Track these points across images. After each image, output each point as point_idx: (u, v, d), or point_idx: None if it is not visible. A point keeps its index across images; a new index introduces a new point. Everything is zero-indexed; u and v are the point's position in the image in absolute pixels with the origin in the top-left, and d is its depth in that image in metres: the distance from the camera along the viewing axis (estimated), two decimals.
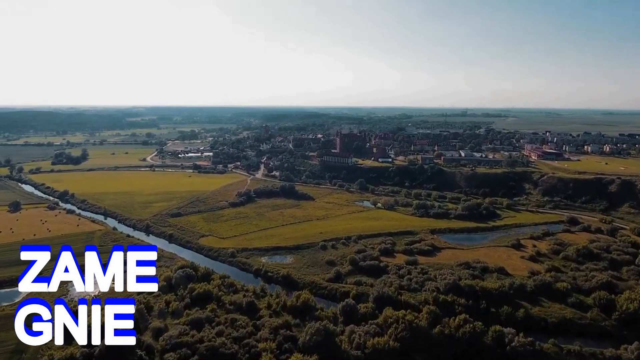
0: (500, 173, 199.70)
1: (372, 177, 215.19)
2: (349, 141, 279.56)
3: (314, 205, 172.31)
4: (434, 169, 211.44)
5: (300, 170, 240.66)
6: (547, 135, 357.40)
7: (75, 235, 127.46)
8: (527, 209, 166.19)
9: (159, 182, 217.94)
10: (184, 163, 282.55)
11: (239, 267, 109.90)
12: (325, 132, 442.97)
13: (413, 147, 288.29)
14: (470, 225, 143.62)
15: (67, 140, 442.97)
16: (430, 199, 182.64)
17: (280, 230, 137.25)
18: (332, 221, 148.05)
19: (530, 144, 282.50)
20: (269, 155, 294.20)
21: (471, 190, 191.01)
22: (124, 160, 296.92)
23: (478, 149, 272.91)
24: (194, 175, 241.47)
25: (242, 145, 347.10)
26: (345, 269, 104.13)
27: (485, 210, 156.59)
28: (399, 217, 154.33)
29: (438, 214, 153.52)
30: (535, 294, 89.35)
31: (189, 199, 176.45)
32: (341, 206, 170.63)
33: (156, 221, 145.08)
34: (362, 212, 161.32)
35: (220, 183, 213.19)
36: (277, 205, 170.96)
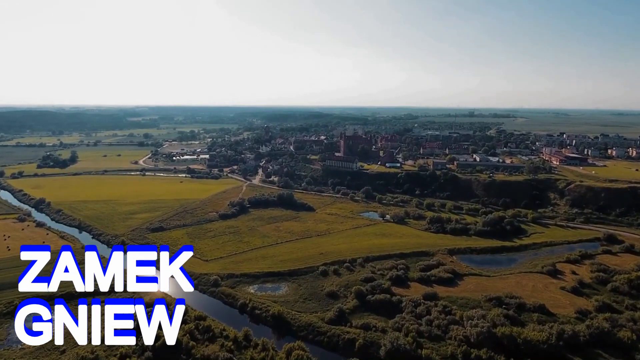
0: (522, 181, 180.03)
1: (379, 184, 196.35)
2: (353, 144, 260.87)
3: (314, 217, 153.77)
4: (448, 175, 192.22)
5: (300, 176, 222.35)
6: (564, 138, 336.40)
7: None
8: (556, 224, 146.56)
9: (146, 188, 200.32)
10: (178, 167, 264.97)
11: (223, 299, 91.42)
12: (328, 133, 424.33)
13: (422, 150, 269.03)
14: (494, 244, 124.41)
15: (60, 141, 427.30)
16: (444, 210, 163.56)
17: (274, 249, 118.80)
18: (335, 238, 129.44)
19: (549, 147, 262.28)
20: (268, 158, 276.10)
21: (490, 200, 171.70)
22: (115, 164, 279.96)
23: (493, 152, 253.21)
24: (186, 181, 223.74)
25: (240, 147, 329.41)
26: (349, 304, 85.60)
27: (509, 225, 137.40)
28: (410, 233, 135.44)
29: (456, 230, 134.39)
30: (590, 346, 70.26)
31: (175, 210, 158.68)
32: (345, 219, 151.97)
33: (134, 237, 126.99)
34: (369, 227, 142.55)
35: (212, 190, 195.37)
36: (273, 217, 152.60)
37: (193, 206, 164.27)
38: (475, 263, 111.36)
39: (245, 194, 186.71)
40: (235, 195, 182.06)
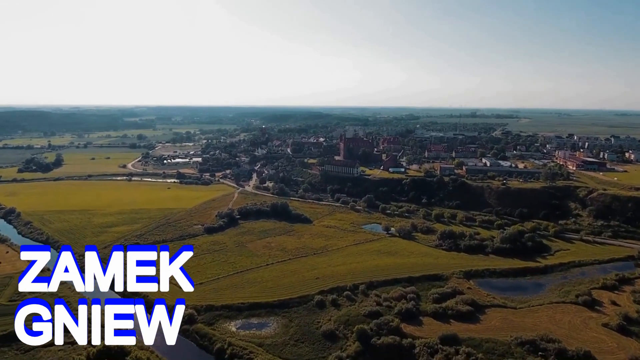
0: (539, 189, 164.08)
1: (382, 191, 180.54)
2: (354, 147, 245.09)
3: (310, 230, 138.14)
4: (457, 182, 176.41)
5: (297, 182, 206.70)
6: (575, 140, 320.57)
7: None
8: (582, 238, 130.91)
9: (129, 196, 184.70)
10: (167, 171, 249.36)
11: (197, 341, 75.69)
12: (328, 134, 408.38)
13: (427, 153, 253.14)
14: (516, 265, 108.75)
15: (49, 142, 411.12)
16: (455, 221, 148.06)
17: (263, 272, 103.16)
18: (334, 257, 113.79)
19: (562, 151, 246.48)
20: (264, 162, 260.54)
21: (504, 210, 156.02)
22: (101, 167, 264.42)
23: (503, 156, 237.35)
24: (174, 187, 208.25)
25: (235, 150, 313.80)
26: (350, 348, 70.19)
27: (531, 240, 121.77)
28: (419, 251, 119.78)
29: (471, 247, 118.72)
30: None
31: (157, 221, 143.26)
32: (345, 232, 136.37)
33: (104, 256, 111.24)
34: (372, 242, 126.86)
35: (201, 198, 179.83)
36: (264, 230, 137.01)
37: (177, 217, 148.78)
38: (496, 289, 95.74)
39: (236, 202, 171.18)
40: (225, 204, 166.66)
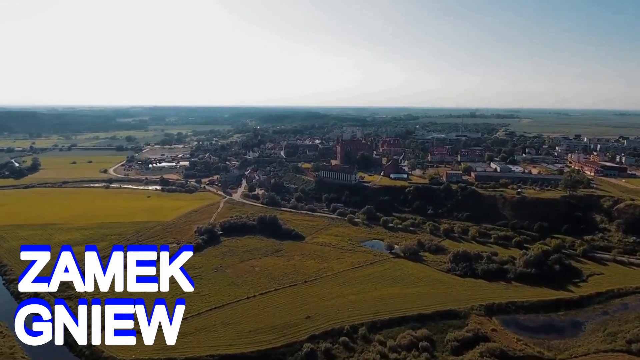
0: (559, 199, 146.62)
1: (383, 200, 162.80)
2: (352, 150, 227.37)
3: (302, 249, 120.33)
4: (466, 190, 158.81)
5: (290, 189, 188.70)
6: (586, 142, 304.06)
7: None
8: (615, 259, 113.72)
9: (102, 206, 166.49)
10: (150, 176, 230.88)
11: None
12: (324, 136, 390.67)
13: (431, 157, 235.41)
14: (545, 296, 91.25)
15: (32, 145, 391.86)
16: (467, 237, 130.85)
17: (242, 308, 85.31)
18: (328, 286, 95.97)
19: (575, 154, 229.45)
20: (255, 166, 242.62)
21: (521, 223, 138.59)
22: (80, 173, 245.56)
23: (512, 160, 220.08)
24: (155, 196, 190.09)
25: (226, 153, 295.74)
26: None
27: (558, 263, 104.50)
28: (429, 277, 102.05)
29: (490, 273, 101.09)
30: None
31: (127, 238, 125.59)
32: (342, 252, 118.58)
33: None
34: (374, 265, 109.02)
35: (183, 208, 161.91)
36: (249, 249, 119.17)
37: (151, 233, 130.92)
38: (527, 331, 78.39)
39: (221, 214, 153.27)
40: (207, 217, 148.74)
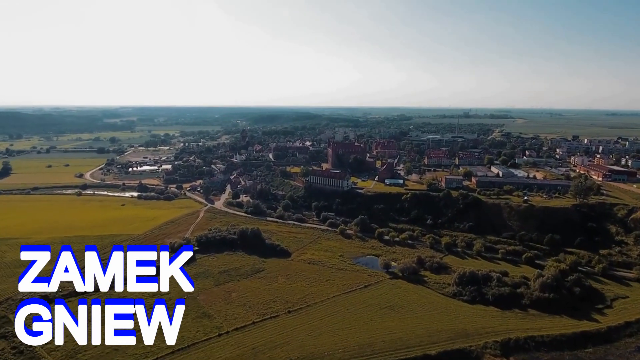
0: (570, 208, 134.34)
1: (378, 209, 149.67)
2: (344, 153, 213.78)
3: (288, 268, 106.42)
4: (468, 198, 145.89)
5: (277, 196, 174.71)
6: (586, 144, 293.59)
7: None
8: (638, 278, 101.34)
9: (70, 217, 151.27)
10: (128, 182, 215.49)
11: None
12: (315, 137, 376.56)
13: (427, 160, 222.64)
14: (568, 328, 78.33)
15: (10, 147, 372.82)
16: (471, 252, 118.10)
17: (211, 349, 71.23)
18: (315, 317, 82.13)
19: (579, 157, 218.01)
20: (241, 170, 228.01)
21: (529, 235, 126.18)
22: (54, 178, 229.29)
23: (513, 163, 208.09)
24: (130, 204, 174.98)
25: (211, 156, 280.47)
26: None
27: (577, 284, 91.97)
28: (433, 303, 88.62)
29: (502, 298, 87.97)
30: None
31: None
32: (332, 271, 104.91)
33: None
34: (369, 289, 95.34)
35: (158, 218, 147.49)
36: (227, 269, 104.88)
37: None
38: None
39: (200, 225, 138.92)
40: (184, 229, 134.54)
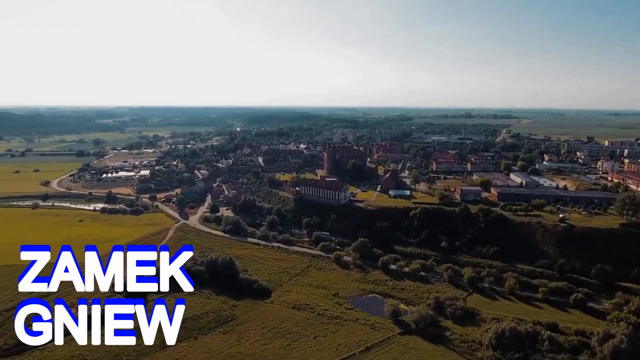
0: (619, 229, 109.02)
1: (382, 228, 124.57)
2: (341, 158, 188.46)
3: (264, 316, 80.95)
4: (491, 215, 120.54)
5: (262, 210, 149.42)
6: (608, 145, 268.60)
7: None
8: None
9: (12, 236, 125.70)
10: (97, 191, 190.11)
11: None
12: (312, 139, 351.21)
13: (436, 165, 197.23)
14: None
15: None
16: (503, 289, 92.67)
17: None
18: None
19: (608, 162, 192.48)
20: (226, 177, 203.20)
21: (570, 264, 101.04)
22: (16, 186, 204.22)
23: (533, 169, 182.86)
24: (90, 219, 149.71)
25: (195, 160, 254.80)
26: None
27: None
28: None
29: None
30: None
31: (10, 293, 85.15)
32: (324, 320, 79.47)
33: None
34: (371, 352, 69.83)
35: (117, 240, 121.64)
36: (185, 317, 78.17)
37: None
38: None
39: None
40: None
